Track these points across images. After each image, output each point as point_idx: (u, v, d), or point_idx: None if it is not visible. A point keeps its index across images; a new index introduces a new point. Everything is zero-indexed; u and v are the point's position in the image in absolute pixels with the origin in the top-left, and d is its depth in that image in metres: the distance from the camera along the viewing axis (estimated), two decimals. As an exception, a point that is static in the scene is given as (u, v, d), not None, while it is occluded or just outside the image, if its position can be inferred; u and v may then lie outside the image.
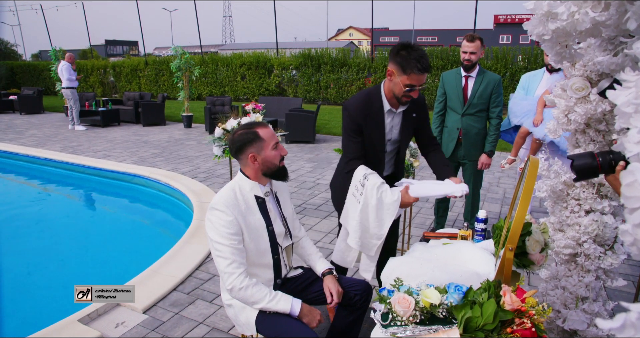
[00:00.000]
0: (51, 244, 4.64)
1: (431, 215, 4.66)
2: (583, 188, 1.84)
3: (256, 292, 1.89)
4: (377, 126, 2.34)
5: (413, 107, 2.41)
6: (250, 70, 16.32)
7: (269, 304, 1.90)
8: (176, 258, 3.66)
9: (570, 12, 1.26)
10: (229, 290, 1.89)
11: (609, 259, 1.81)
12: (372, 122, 2.32)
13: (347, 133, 2.36)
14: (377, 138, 2.37)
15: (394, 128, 2.42)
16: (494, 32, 48.11)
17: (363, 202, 2.17)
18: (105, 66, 19.33)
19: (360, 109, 2.31)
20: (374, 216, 2.16)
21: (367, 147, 2.38)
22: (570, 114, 1.79)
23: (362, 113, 2.30)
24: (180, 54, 11.04)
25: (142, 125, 11.47)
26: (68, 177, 7.21)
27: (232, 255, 1.87)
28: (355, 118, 2.30)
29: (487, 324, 1.30)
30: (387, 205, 2.13)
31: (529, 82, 3.95)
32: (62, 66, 10.54)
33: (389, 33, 58.07)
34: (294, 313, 1.92)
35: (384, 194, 2.12)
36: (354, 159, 2.32)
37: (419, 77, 2.15)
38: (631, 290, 3.16)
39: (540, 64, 12.06)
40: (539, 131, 3.68)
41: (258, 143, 1.96)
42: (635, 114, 0.76)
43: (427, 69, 2.15)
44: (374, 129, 2.34)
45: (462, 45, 3.61)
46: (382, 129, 2.36)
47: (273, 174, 2.02)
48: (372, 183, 2.14)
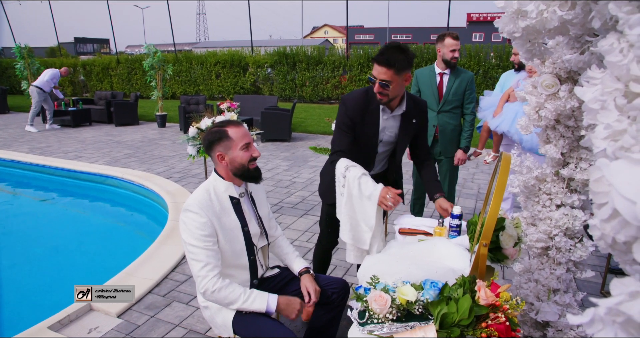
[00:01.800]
0: (20, 249, 4.49)
1: (407, 211, 4.71)
2: (554, 183, 1.89)
3: (230, 293, 1.86)
4: (372, 124, 2.34)
5: (414, 112, 2.40)
6: (225, 68, 16.15)
7: (244, 304, 1.87)
8: (151, 260, 3.59)
9: (539, 10, 1.28)
10: (202, 293, 1.86)
11: (578, 251, 1.86)
12: (367, 119, 2.33)
13: (339, 126, 2.39)
14: (370, 136, 2.37)
15: (388, 129, 2.40)
16: (466, 30, 48.89)
17: (347, 194, 2.17)
18: (75, 65, 18.80)
19: (359, 105, 2.32)
20: (359, 208, 2.16)
21: (360, 144, 2.39)
22: (540, 111, 1.82)
23: (360, 109, 2.32)
24: (152, 52, 10.83)
25: (115, 125, 11.22)
26: (37, 179, 6.98)
27: (206, 258, 1.84)
28: (351, 113, 2.32)
29: (462, 319, 1.32)
30: (367, 195, 2.14)
31: (505, 80, 4.16)
32: (51, 70, 10.51)
33: (364, 31, 58.35)
34: (271, 311, 1.91)
35: (364, 185, 2.12)
36: (340, 152, 2.34)
37: (375, 68, 2.17)
38: (598, 281, 3.26)
39: (512, 62, 12.28)
40: (493, 121, 3.85)
41: (226, 142, 1.93)
42: (601, 111, 0.77)
43: (377, 60, 2.15)
44: (368, 127, 2.35)
45: (448, 43, 3.58)
46: (376, 128, 2.35)
47: (243, 175, 1.98)
48: (353, 175, 2.14)
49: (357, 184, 2.12)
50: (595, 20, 1.00)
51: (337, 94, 14.87)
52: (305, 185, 5.90)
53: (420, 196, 4.07)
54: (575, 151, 1.82)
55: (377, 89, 2.20)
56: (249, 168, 1.97)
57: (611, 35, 0.84)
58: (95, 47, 65.98)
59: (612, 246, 0.65)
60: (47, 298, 3.51)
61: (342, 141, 2.36)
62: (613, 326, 0.53)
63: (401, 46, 2.17)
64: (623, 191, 0.55)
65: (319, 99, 15.36)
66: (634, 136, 0.65)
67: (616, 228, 0.58)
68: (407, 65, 2.15)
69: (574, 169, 1.80)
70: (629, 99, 0.75)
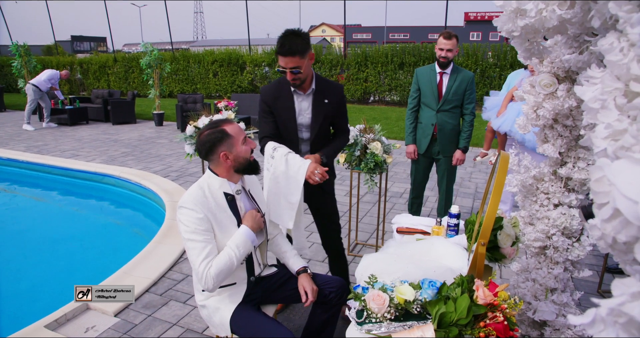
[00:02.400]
0: (17, 247, 4.47)
1: (405, 211, 4.71)
2: (552, 182, 1.89)
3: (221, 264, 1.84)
4: (287, 108, 2.45)
5: (327, 93, 2.48)
6: (223, 67, 16.10)
7: (238, 253, 1.88)
8: (148, 259, 3.58)
9: (538, 9, 1.28)
10: (207, 288, 1.85)
11: (576, 251, 1.86)
12: (281, 103, 2.45)
13: (260, 115, 2.53)
14: (288, 119, 2.46)
15: (304, 111, 2.48)
16: (464, 30, 48.90)
17: (273, 171, 2.27)
18: (71, 63, 18.72)
19: (271, 91, 2.47)
20: (284, 183, 2.26)
21: (282, 131, 2.51)
22: (539, 110, 1.82)
23: (272, 95, 2.46)
24: (150, 50, 10.80)
25: (112, 123, 11.18)
26: (34, 178, 6.95)
27: (206, 252, 1.84)
28: (266, 99, 2.47)
29: (460, 319, 1.32)
30: (295, 170, 2.21)
31: (511, 80, 4.13)
32: (51, 71, 10.48)
33: (362, 30, 58.28)
34: (250, 235, 1.94)
35: (291, 161, 2.22)
36: (266, 137, 2.47)
37: (282, 60, 2.25)
38: (595, 280, 3.27)
39: (509, 61, 12.33)
40: (496, 121, 3.84)
41: (228, 140, 1.93)
42: (602, 110, 0.77)
43: (281, 53, 2.23)
44: (284, 111, 2.46)
45: (439, 42, 3.60)
46: (293, 111, 2.45)
47: (245, 169, 2.00)
48: (281, 153, 2.26)
49: (284, 161, 2.23)
50: (595, 19, 0.99)
51: (334, 93, 14.84)
52: (302, 184, 5.89)
53: (418, 195, 4.07)
54: (573, 151, 1.82)
55: (290, 77, 2.30)
56: (250, 160, 2.01)
57: (611, 35, 0.84)
58: (92, 45, 65.69)
59: (612, 246, 0.64)
60: (44, 297, 3.49)
61: (265, 127, 2.49)
62: (615, 327, 0.53)
63: (295, 31, 2.25)
64: (625, 191, 0.54)
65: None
66: (634, 135, 0.65)
67: (617, 228, 0.58)
68: (307, 46, 2.26)
69: (571, 168, 1.80)
70: (629, 98, 0.75)
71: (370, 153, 3.38)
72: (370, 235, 4.21)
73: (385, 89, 14.06)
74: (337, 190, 5.59)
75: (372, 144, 3.40)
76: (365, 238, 4.14)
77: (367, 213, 4.78)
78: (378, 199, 3.80)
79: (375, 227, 4.29)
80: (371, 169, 3.40)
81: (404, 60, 13.51)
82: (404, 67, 13.57)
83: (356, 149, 3.40)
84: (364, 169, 3.40)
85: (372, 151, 3.37)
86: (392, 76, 13.75)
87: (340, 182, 5.94)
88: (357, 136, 3.42)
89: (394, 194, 5.43)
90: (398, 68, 13.68)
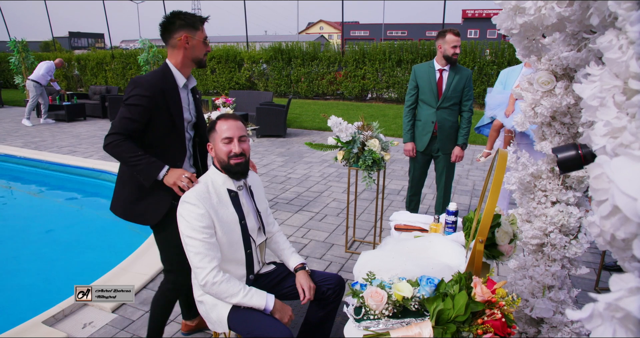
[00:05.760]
0: (13, 243, 4.46)
1: (402, 208, 4.71)
2: (549, 179, 1.89)
3: (230, 287, 1.87)
4: (176, 103, 2.15)
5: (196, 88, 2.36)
6: (220, 63, 16.06)
7: (244, 299, 1.88)
8: (146, 255, 3.58)
9: (537, 7, 1.28)
10: (202, 285, 1.86)
11: (573, 248, 1.87)
12: (170, 99, 2.12)
13: (130, 110, 2.04)
14: (177, 116, 2.16)
15: (190, 105, 2.29)
16: (462, 27, 48.80)
17: None
18: (69, 59, 18.64)
19: (158, 83, 2.09)
20: None
21: (169, 131, 2.17)
22: (536, 107, 1.83)
23: (159, 88, 2.07)
24: (148, 47, 10.76)
25: (109, 120, 11.14)
26: (31, 173, 6.93)
27: (205, 249, 1.84)
28: (153, 93, 2.05)
29: (458, 316, 1.32)
30: None
31: (507, 77, 4.06)
32: (46, 63, 10.35)
33: (360, 27, 58.15)
34: (268, 309, 1.91)
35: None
36: (120, 134, 2.03)
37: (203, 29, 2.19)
38: (593, 277, 3.28)
39: (507, 58, 12.34)
40: (508, 121, 3.78)
41: (212, 133, 2.00)
42: (600, 108, 0.77)
43: None
44: (173, 107, 2.14)
45: (450, 40, 3.55)
46: (180, 107, 2.18)
47: (224, 169, 1.99)
48: None
49: None
50: (594, 17, 0.99)
51: (332, 90, 14.85)
52: (300, 181, 5.90)
53: (416, 193, 4.07)
54: (571, 148, 1.82)
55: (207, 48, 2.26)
56: (228, 163, 1.95)
57: (610, 32, 0.84)
58: (89, 41, 65.39)
59: (610, 243, 0.65)
60: (41, 293, 3.49)
61: (129, 126, 2.04)
62: (612, 321, 0.54)
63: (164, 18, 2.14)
64: (624, 188, 0.55)
65: (314, 95, 15.33)
66: (633, 133, 0.65)
67: (616, 224, 0.58)
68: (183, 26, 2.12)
69: (569, 166, 1.80)
70: (627, 96, 0.75)
71: (368, 150, 3.38)
72: (368, 232, 4.22)
73: (383, 87, 14.06)
74: (335, 187, 5.61)
75: (369, 141, 3.40)
76: (363, 235, 4.14)
77: (364, 210, 4.79)
78: (376, 196, 3.80)
79: (373, 224, 4.30)
80: (369, 167, 3.40)
81: (401, 57, 13.50)
82: (402, 64, 13.56)
83: (354, 146, 3.40)
84: (362, 166, 3.40)
85: (370, 149, 3.38)
86: (389, 73, 13.75)
87: (338, 179, 5.94)
88: (355, 133, 3.42)
89: (391, 191, 5.44)
90: (396, 65, 13.68)
